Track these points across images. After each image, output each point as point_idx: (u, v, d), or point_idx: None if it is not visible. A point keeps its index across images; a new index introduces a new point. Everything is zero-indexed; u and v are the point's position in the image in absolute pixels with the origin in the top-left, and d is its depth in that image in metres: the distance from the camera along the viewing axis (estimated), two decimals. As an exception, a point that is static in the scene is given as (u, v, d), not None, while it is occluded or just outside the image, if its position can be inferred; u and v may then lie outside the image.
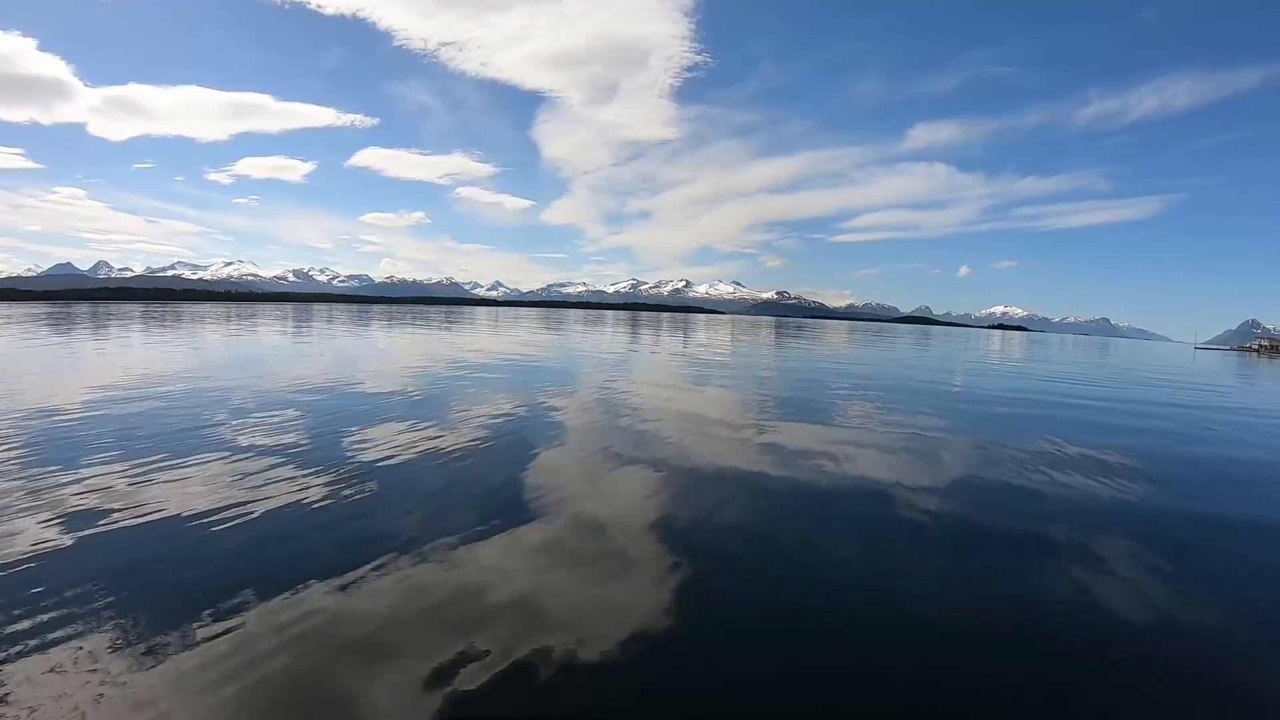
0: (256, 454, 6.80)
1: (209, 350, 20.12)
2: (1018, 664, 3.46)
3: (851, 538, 5.26)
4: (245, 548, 4.44)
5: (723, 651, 3.44)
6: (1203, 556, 5.21)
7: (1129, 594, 4.33)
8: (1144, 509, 6.36)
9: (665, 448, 7.94)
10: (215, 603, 3.63)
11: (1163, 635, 3.83)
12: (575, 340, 32.31)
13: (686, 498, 6.04)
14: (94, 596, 3.67)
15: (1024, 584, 4.46)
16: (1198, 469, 8.44)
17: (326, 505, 5.34)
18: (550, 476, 6.51)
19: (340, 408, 9.90)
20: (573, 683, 3.08)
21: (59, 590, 3.73)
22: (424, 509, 5.37)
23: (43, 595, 3.67)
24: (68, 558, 4.17)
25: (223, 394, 10.78)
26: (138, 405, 9.48)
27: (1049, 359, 36.43)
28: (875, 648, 3.55)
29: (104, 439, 7.27)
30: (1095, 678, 3.35)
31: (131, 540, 4.48)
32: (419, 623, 3.53)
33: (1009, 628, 3.84)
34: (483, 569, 4.22)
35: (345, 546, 4.48)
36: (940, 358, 31.95)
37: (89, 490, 5.46)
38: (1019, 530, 5.53)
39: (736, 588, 4.22)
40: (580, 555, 4.58)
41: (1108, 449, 8.97)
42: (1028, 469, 7.61)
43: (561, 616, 3.65)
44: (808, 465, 7.43)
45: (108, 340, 23.21)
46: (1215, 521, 6.07)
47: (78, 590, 3.73)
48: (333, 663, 3.14)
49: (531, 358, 20.67)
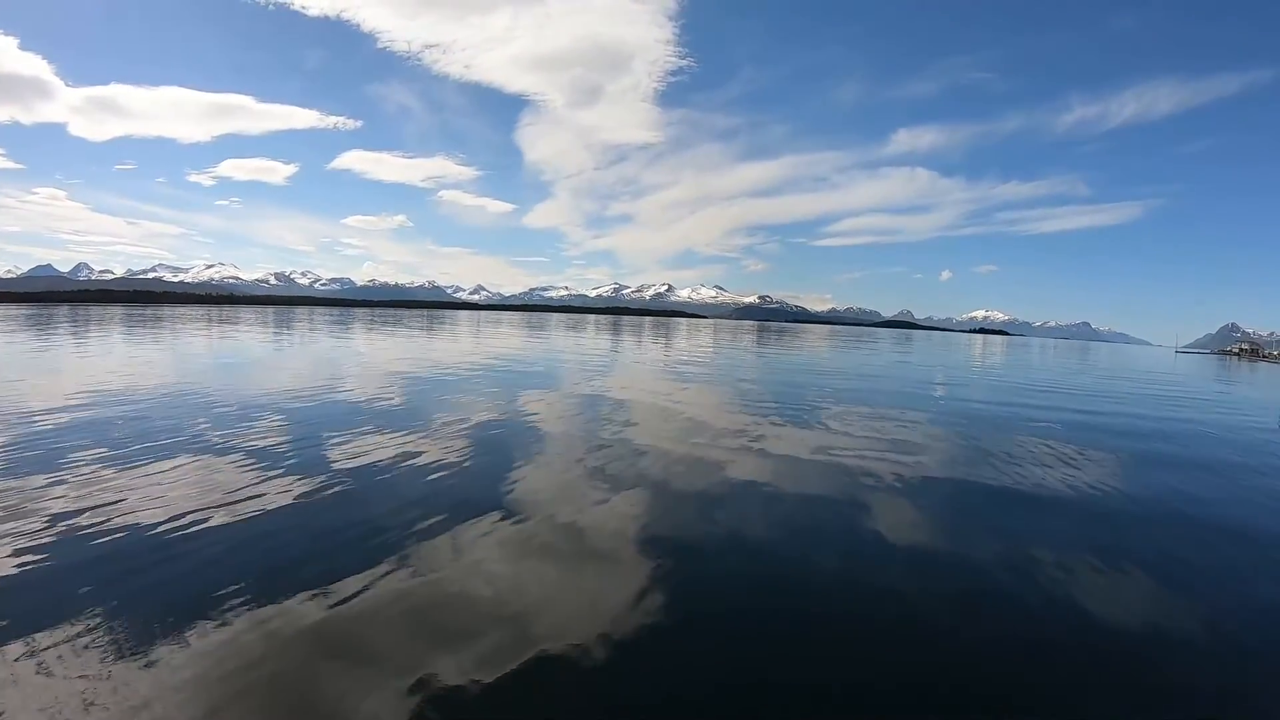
0: (240, 459, 6.84)
1: (190, 354, 20.13)
2: (1007, 662, 3.54)
3: (837, 538, 5.41)
4: (230, 553, 4.45)
5: (709, 650, 3.52)
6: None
7: (1119, 594, 4.50)
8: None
9: (649, 453, 8.05)
10: (201, 608, 3.65)
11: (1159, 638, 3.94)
12: (557, 346, 32.03)
13: (671, 501, 6.16)
14: (76, 602, 3.67)
15: (1014, 583, 4.56)
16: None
17: (311, 510, 5.40)
18: (535, 480, 6.64)
19: (322, 413, 9.85)
20: (559, 684, 3.13)
21: (43, 595, 3.76)
22: (408, 513, 5.39)
23: (26, 600, 3.70)
24: (50, 563, 4.18)
25: (205, 398, 10.76)
26: (120, 410, 9.44)
27: (1045, 365, 36.06)
28: (863, 647, 3.64)
29: (86, 444, 7.25)
30: (1086, 676, 3.40)
31: (114, 546, 4.47)
32: (405, 626, 3.57)
33: (997, 626, 3.95)
34: (467, 572, 4.29)
35: (331, 551, 4.53)
36: (924, 365, 31.86)
37: (70, 495, 5.48)
38: (1009, 530, 5.70)
39: (724, 587, 4.33)
40: (566, 557, 4.66)
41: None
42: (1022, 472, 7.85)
43: (548, 618, 3.70)
44: (792, 469, 7.59)
45: (88, 343, 23.04)
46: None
47: (61, 596, 3.75)
48: (319, 667, 3.17)
49: (513, 363, 20.82)
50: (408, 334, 36.98)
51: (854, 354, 36.51)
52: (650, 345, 36.85)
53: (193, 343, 24.75)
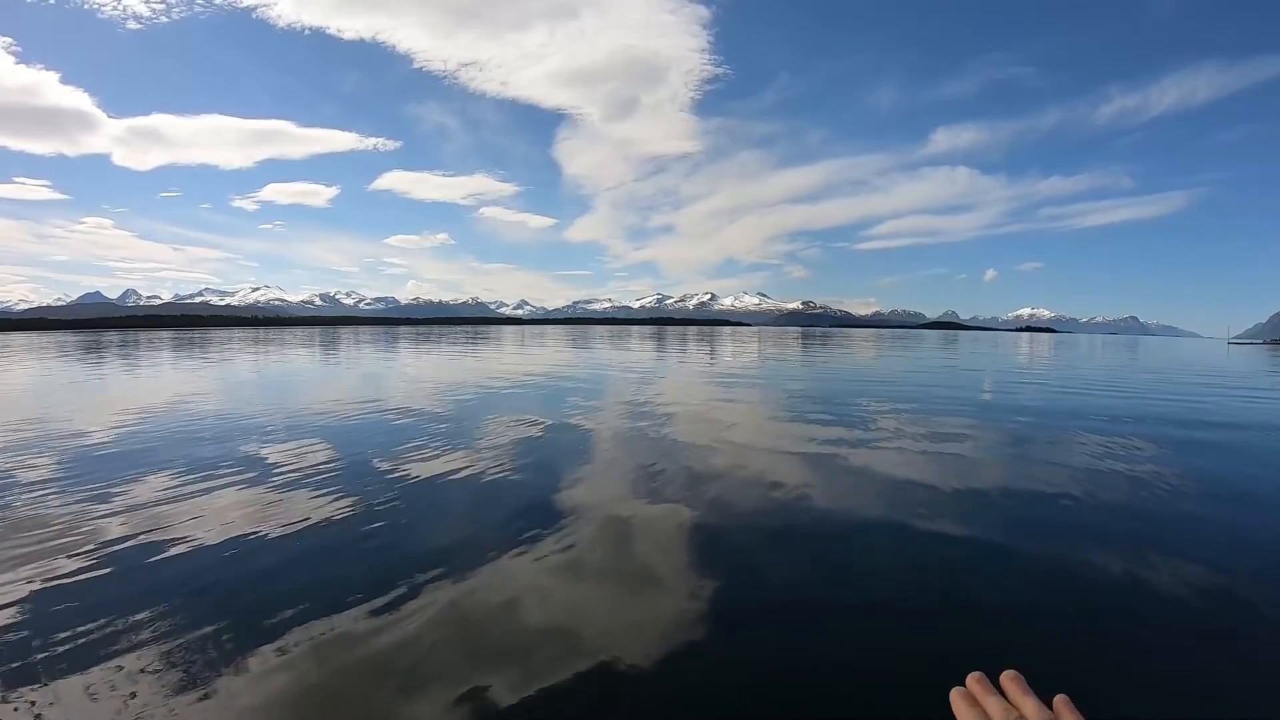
0: (292, 477, 6.85)
1: (239, 375, 20.34)
2: (1070, 648, 3.44)
3: (892, 540, 5.22)
4: (283, 569, 4.43)
5: (760, 659, 3.37)
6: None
7: (1178, 583, 4.28)
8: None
9: (699, 463, 7.80)
10: (254, 624, 3.61)
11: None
12: (600, 359, 31.48)
13: (724, 511, 5.92)
14: (130, 619, 3.68)
15: (1071, 570, 4.48)
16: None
17: (364, 527, 5.31)
18: (585, 493, 6.47)
19: (371, 430, 9.90)
20: (612, 698, 3.00)
21: (97, 612, 3.75)
22: (459, 529, 5.38)
23: (80, 617, 3.69)
24: (105, 580, 4.23)
25: (255, 419, 10.85)
26: (171, 431, 9.61)
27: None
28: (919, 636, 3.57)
29: (139, 463, 7.45)
30: (1146, 665, 3.30)
31: (167, 563, 4.52)
32: (457, 642, 3.48)
33: (1057, 616, 3.83)
34: (519, 587, 4.17)
35: (383, 569, 4.43)
36: (972, 370, 30.33)
37: (125, 513, 5.58)
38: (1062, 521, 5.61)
39: (778, 597, 4.13)
40: (618, 569, 4.54)
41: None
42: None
43: (600, 631, 3.58)
44: (846, 475, 7.36)
45: (139, 367, 23.71)
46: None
47: (115, 613, 3.75)
48: (370, 683, 3.09)
49: (558, 378, 20.05)
50: (452, 351, 37.22)
51: (898, 358, 34.86)
52: (694, 355, 36.15)
53: (241, 364, 25.18)
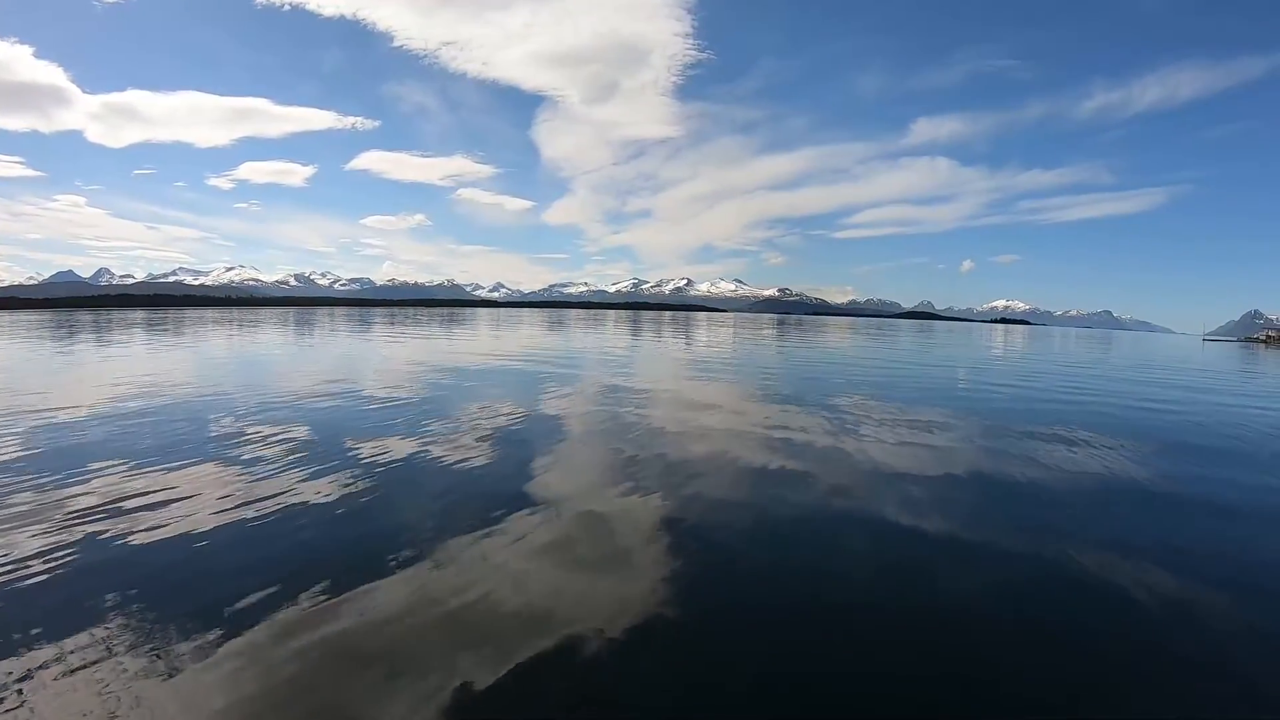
0: (265, 460, 6.86)
1: (212, 356, 20.12)
2: (1042, 654, 3.51)
3: (865, 530, 5.36)
4: (253, 554, 4.47)
5: (743, 643, 3.52)
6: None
7: (1148, 586, 4.35)
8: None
9: (675, 447, 7.98)
10: (224, 610, 3.65)
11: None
12: (576, 344, 32.02)
13: (700, 494, 6.10)
14: (102, 604, 3.70)
15: (1042, 575, 4.52)
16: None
17: (338, 510, 5.40)
18: (562, 476, 6.60)
19: (346, 413, 9.86)
20: (584, 683, 3.10)
21: (65, 599, 3.76)
22: (431, 513, 5.42)
23: (49, 605, 3.70)
24: (73, 567, 4.19)
25: (227, 400, 10.75)
26: (144, 412, 9.49)
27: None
28: (892, 637, 3.62)
29: (110, 446, 7.32)
30: (1119, 669, 3.39)
31: (139, 548, 4.50)
32: (428, 627, 3.56)
33: (1028, 620, 3.89)
34: (494, 572, 4.27)
35: (357, 552, 4.53)
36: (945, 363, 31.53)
37: (95, 497, 5.53)
38: (1036, 524, 5.57)
39: (748, 583, 4.29)
40: (596, 553, 4.66)
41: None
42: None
43: (571, 616, 3.68)
44: (819, 460, 7.53)
45: (109, 348, 23.16)
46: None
47: (86, 598, 3.77)
48: (343, 668, 3.16)
49: (534, 361, 20.45)
50: (427, 333, 37.04)
51: (870, 347, 35.76)
52: (669, 340, 36.58)
53: (214, 345, 24.72)
